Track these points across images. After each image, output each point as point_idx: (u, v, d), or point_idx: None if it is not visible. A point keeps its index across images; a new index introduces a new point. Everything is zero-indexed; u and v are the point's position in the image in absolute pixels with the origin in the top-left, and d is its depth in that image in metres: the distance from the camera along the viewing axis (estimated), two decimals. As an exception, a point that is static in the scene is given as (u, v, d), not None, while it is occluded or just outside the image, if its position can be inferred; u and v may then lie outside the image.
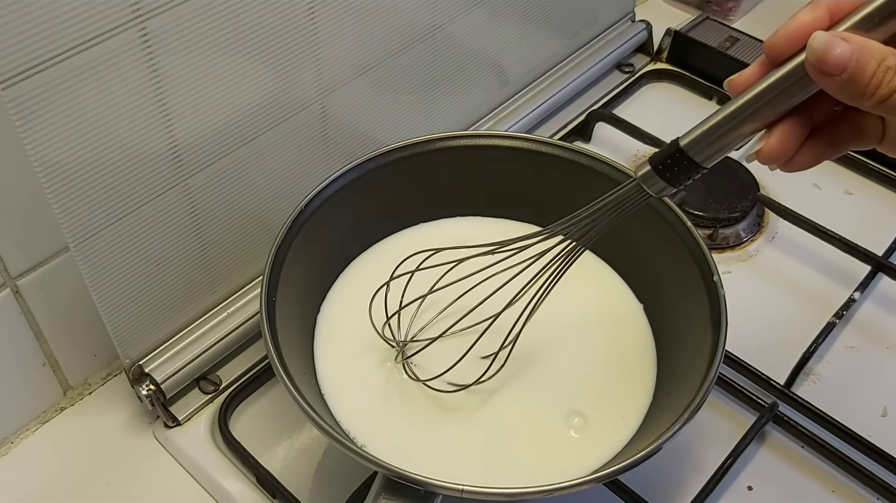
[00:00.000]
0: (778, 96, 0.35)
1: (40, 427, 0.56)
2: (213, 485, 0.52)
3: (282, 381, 0.43)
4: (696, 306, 0.49)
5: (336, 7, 0.50)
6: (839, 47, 0.32)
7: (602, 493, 0.51)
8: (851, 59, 0.32)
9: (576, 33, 0.79)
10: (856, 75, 0.32)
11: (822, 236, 0.67)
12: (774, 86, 0.35)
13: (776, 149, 0.36)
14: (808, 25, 0.34)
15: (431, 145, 0.55)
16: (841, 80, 0.32)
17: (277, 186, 0.54)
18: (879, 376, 0.61)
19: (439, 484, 0.39)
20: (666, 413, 0.46)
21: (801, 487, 0.54)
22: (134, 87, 0.42)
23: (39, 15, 0.37)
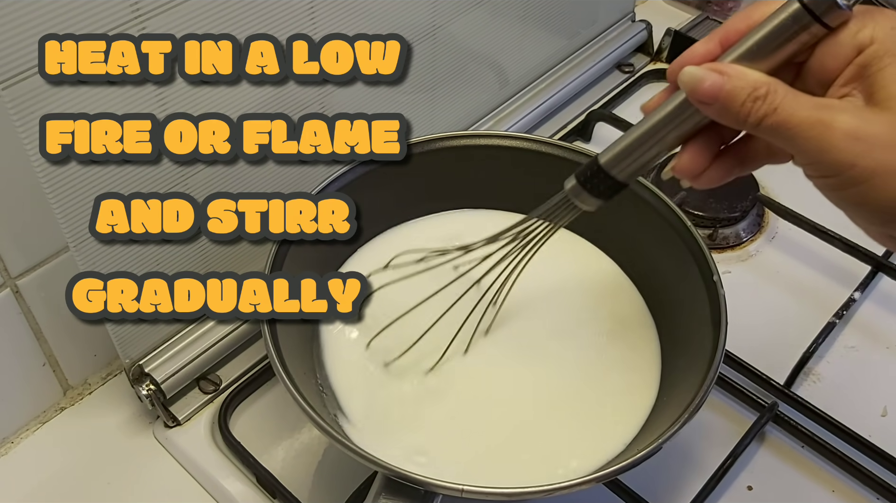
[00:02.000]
0: (675, 120, 0.38)
1: (40, 427, 0.56)
2: (213, 485, 0.52)
3: (282, 381, 0.43)
4: (696, 306, 0.49)
5: (336, 7, 0.51)
6: (708, 80, 0.35)
7: (602, 493, 0.51)
8: (722, 90, 0.35)
9: (576, 33, 0.79)
10: (727, 105, 0.35)
11: (822, 236, 0.67)
12: (672, 111, 0.38)
13: (686, 165, 0.38)
14: (701, 55, 0.37)
15: (431, 145, 0.55)
16: (716, 108, 0.35)
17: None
18: (879, 376, 0.61)
19: (439, 484, 0.39)
20: (666, 413, 0.46)
21: (801, 487, 0.54)
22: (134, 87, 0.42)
23: (39, 15, 0.37)
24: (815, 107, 0.34)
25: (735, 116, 0.35)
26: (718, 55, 0.36)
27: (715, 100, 0.35)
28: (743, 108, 0.34)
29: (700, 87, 0.35)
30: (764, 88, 0.34)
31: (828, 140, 0.33)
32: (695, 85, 0.35)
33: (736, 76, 0.35)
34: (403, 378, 0.50)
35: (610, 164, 0.41)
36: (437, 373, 0.50)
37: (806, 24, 0.34)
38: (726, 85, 0.35)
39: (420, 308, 0.48)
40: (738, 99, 0.34)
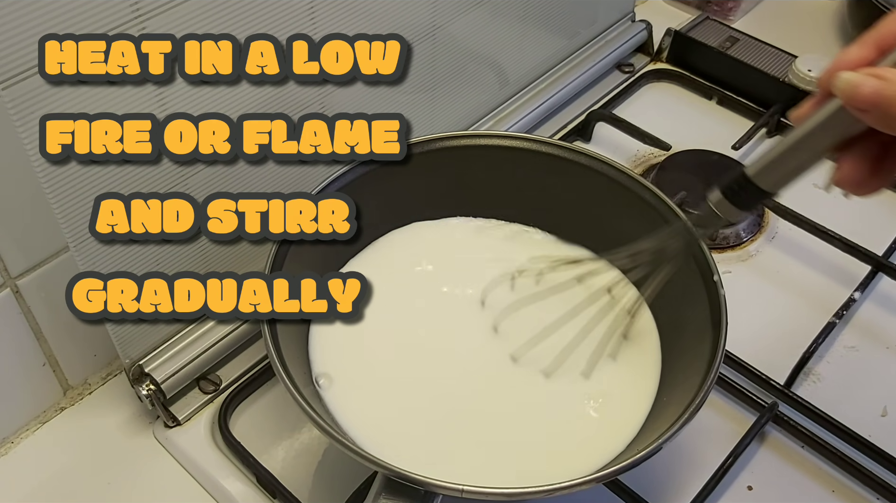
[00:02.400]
0: (828, 129, 0.36)
1: (40, 427, 0.56)
2: (213, 485, 0.52)
3: (282, 381, 0.43)
4: (696, 306, 0.49)
5: (336, 7, 0.51)
6: (866, 85, 0.33)
7: (602, 493, 0.51)
8: (881, 95, 0.32)
9: (576, 33, 0.79)
10: (888, 111, 0.32)
11: (822, 236, 0.67)
12: (825, 120, 0.36)
13: (849, 176, 0.37)
14: (855, 61, 0.35)
15: (431, 145, 0.55)
16: (875, 115, 0.33)
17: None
18: (879, 376, 0.61)
19: (439, 484, 0.39)
20: (666, 413, 0.46)
21: (801, 487, 0.54)
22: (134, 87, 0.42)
23: (39, 15, 0.37)
24: None
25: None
26: (874, 60, 0.34)
27: (874, 106, 0.33)
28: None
29: (858, 92, 0.33)
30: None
31: None
32: (852, 91, 0.33)
33: (893, 80, 0.32)
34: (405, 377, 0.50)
35: (758, 176, 0.40)
36: (433, 373, 0.50)
37: None
38: (886, 90, 0.32)
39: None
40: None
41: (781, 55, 0.82)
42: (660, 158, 0.75)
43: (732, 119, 0.80)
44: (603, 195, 0.54)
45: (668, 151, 0.75)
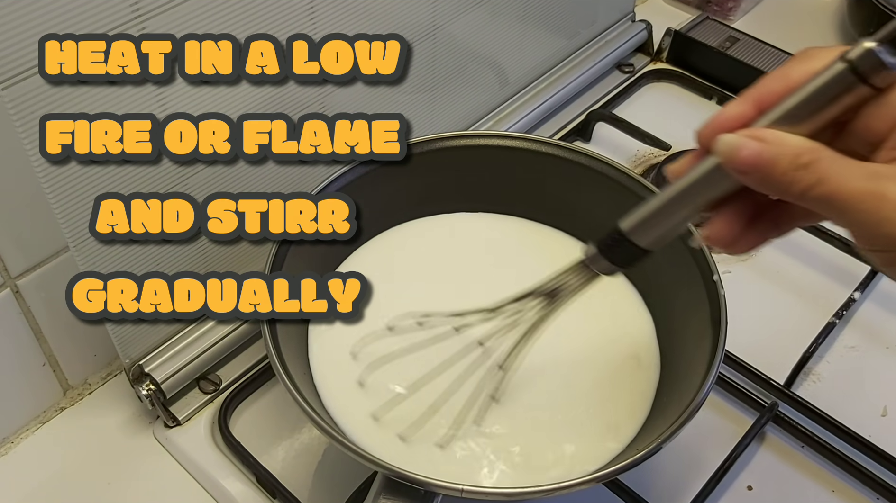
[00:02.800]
0: (705, 187, 0.35)
1: (40, 427, 0.56)
2: (213, 485, 0.52)
3: (282, 381, 0.43)
4: (696, 306, 0.49)
5: (336, 7, 0.51)
6: (746, 148, 0.32)
7: (602, 493, 0.51)
8: (761, 157, 0.32)
9: (576, 33, 0.79)
10: (768, 174, 0.32)
11: (822, 236, 0.67)
12: (702, 177, 0.35)
13: (719, 234, 0.36)
14: (735, 118, 0.34)
15: (431, 145, 0.55)
16: (755, 178, 0.33)
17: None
18: (879, 376, 0.61)
19: (439, 484, 0.39)
20: (666, 413, 0.46)
21: (801, 487, 0.54)
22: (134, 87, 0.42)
23: (39, 15, 0.37)
24: (866, 177, 0.31)
25: (777, 186, 0.32)
26: (753, 118, 0.34)
27: (754, 169, 0.32)
28: (785, 178, 0.32)
29: (737, 155, 0.32)
30: (807, 156, 0.31)
31: (882, 213, 0.30)
32: (731, 153, 0.33)
33: (775, 142, 0.32)
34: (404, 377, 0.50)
35: (632, 231, 0.39)
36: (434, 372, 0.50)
37: (851, 85, 0.31)
38: (766, 152, 0.32)
39: (420, 369, 0.47)
40: (779, 167, 0.32)
41: (781, 55, 0.82)
42: (660, 158, 0.75)
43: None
44: (603, 195, 0.54)
45: (668, 151, 0.75)
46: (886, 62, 0.31)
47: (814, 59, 0.33)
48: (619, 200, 0.51)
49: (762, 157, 0.32)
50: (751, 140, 0.32)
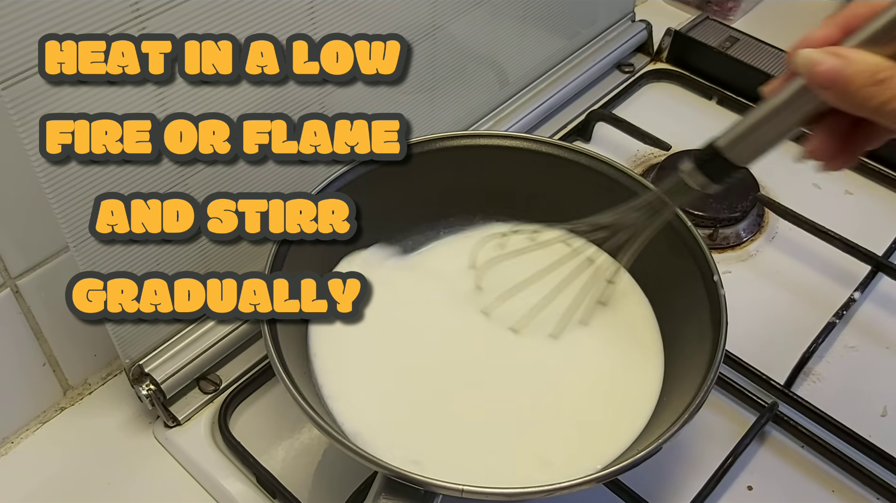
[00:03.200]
0: (794, 104, 0.37)
1: (40, 427, 0.56)
2: (213, 485, 0.52)
3: (282, 381, 0.43)
4: (696, 306, 0.49)
5: (336, 7, 0.51)
6: (824, 63, 0.34)
7: (602, 493, 0.51)
8: (840, 73, 0.33)
9: (576, 33, 0.79)
10: (845, 89, 0.33)
11: (822, 236, 0.67)
12: (791, 96, 0.37)
13: (819, 149, 0.37)
14: (820, 39, 0.35)
15: (431, 145, 0.55)
16: (834, 93, 0.34)
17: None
18: (879, 376, 0.61)
19: (439, 484, 0.39)
20: (666, 413, 0.46)
21: (801, 487, 0.54)
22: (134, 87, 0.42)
23: (39, 15, 0.37)
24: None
25: (853, 101, 0.33)
26: (838, 41, 0.35)
27: (833, 83, 0.34)
28: (861, 93, 0.33)
29: (817, 69, 0.34)
30: (885, 73, 0.33)
31: None
32: (811, 67, 0.34)
33: (855, 60, 0.33)
34: (404, 376, 0.50)
35: (728, 147, 0.40)
36: (434, 375, 0.50)
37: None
38: (845, 69, 0.33)
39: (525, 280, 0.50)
40: (856, 83, 0.33)
41: (781, 55, 0.82)
42: (660, 158, 0.75)
43: (732, 119, 0.78)
44: (603, 195, 0.54)
45: (668, 151, 0.75)
46: None
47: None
48: (619, 200, 0.51)
49: (841, 72, 0.33)
50: (830, 56, 0.34)
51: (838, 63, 0.34)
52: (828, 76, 0.34)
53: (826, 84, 0.34)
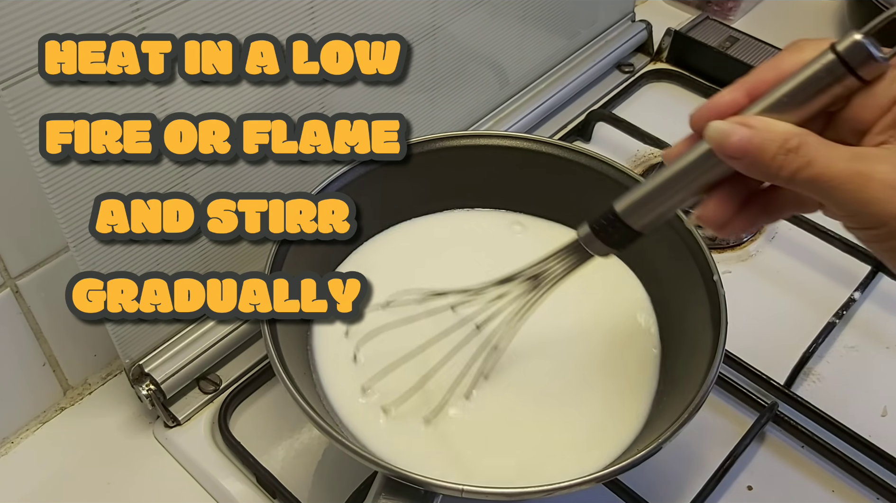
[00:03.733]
0: (698, 170, 0.36)
1: (40, 427, 0.56)
2: (213, 485, 0.52)
3: (282, 381, 0.43)
4: (696, 306, 0.49)
5: (336, 7, 0.51)
6: (735, 134, 0.34)
7: (602, 493, 0.51)
8: (751, 143, 0.33)
9: (576, 33, 0.79)
10: (757, 159, 0.33)
11: (822, 236, 0.67)
12: (695, 161, 0.36)
13: (711, 215, 0.37)
14: (727, 105, 0.35)
15: (431, 145, 0.55)
16: (745, 163, 0.34)
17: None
18: (879, 376, 0.61)
19: (439, 484, 0.39)
20: (666, 413, 0.46)
21: (801, 487, 0.54)
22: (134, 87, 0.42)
23: (39, 15, 0.37)
24: (852, 158, 0.32)
25: (766, 170, 0.33)
26: (745, 106, 0.35)
27: (744, 154, 0.34)
28: (774, 162, 0.33)
29: (727, 141, 0.34)
30: (795, 140, 0.33)
31: (868, 192, 0.32)
32: (722, 139, 0.34)
33: (764, 128, 0.33)
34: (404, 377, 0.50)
35: (626, 213, 0.39)
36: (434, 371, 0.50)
37: (840, 76, 0.33)
38: (755, 138, 0.33)
39: (416, 347, 0.47)
40: (768, 152, 0.33)
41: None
42: (659, 158, 0.75)
43: (732, 119, 0.80)
44: (603, 195, 0.54)
45: (668, 151, 0.75)
46: (874, 55, 0.32)
47: (805, 49, 0.34)
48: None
49: (752, 142, 0.33)
50: (740, 126, 0.34)
51: (748, 133, 0.33)
52: (739, 147, 0.33)
53: (738, 155, 0.34)
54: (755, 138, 0.33)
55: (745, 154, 0.34)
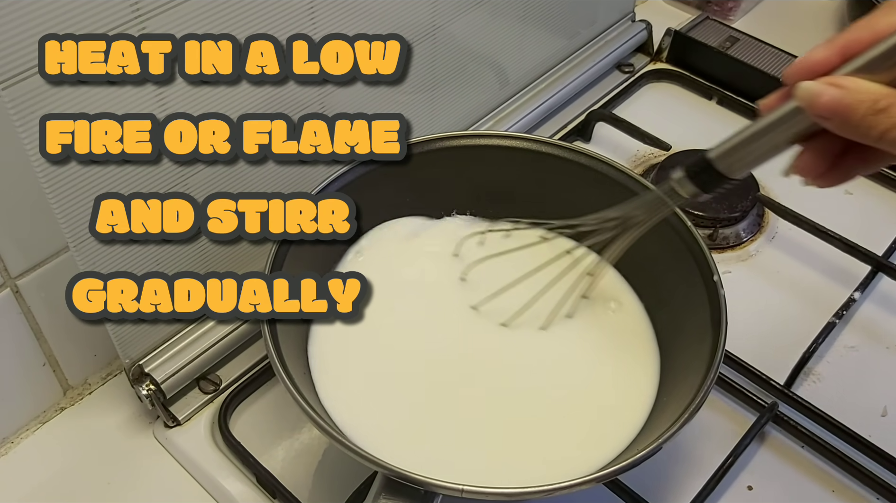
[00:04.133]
0: (789, 123, 0.37)
1: (40, 427, 0.56)
2: (213, 485, 0.52)
3: (282, 381, 0.43)
4: (696, 306, 0.49)
5: (336, 7, 0.51)
6: (825, 94, 0.34)
7: (602, 493, 0.51)
8: (840, 104, 0.33)
9: (576, 33, 0.79)
10: (847, 119, 0.33)
11: (822, 236, 0.67)
12: (787, 114, 0.37)
13: (807, 166, 0.37)
14: (820, 62, 0.35)
15: (431, 145, 0.55)
16: (836, 123, 0.34)
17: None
18: (879, 376, 0.61)
19: (439, 484, 0.39)
20: (666, 413, 0.46)
21: (801, 487, 0.54)
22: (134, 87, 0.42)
23: (39, 15, 0.37)
24: None
25: (856, 130, 0.33)
26: (837, 65, 0.35)
27: (835, 114, 0.34)
28: (864, 122, 0.33)
29: (818, 101, 0.34)
30: (885, 101, 0.33)
31: None
32: (812, 100, 0.34)
33: (855, 89, 0.33)
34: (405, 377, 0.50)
35: (719, 159, 0.41)
36: (433, 374, 0.50)
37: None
38: (845, 98, 0.33)
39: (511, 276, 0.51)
40: (857, 112, 0.33)
41: (781, 55, 0.82)
42: (660, 158, 0.75)
43: (732, 119, 0.80)
44: (603, 195, 0.54)
45: (668, 151, 0.75)
46: None
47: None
48: (619, 200, 0.51)
49: (841, 102, 0.33)
50: (830, 87, 0.34)
51: (839, 94, 0.34)
52: (829, 107, 0.34)
53: (828, 115, 0.34)
54: (845, 98, 0.33)
55: (835, 114, 0.34)
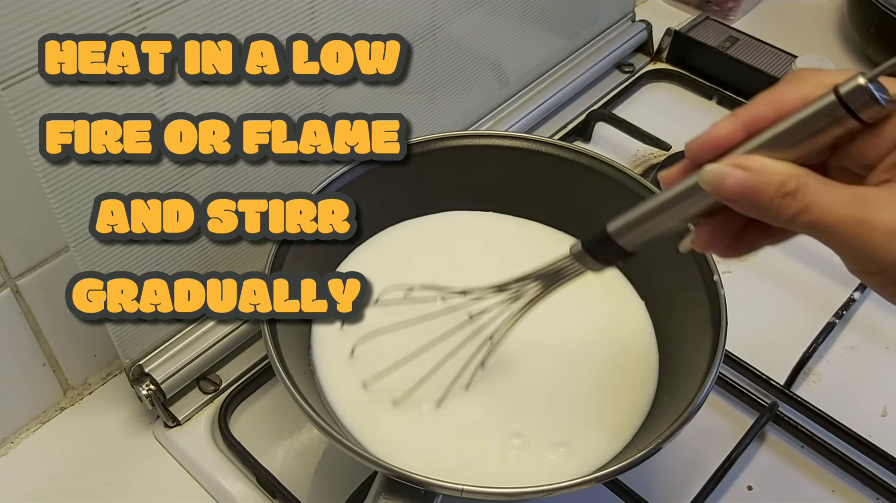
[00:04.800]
0: (691, 200, 0.35)
1: (40, 427, 0.56)
2: (213, 485, 0.52)
3: (282, 381, 0.43)
4: (696, 306, 0.49)
5: (336, 7, 0.51)
6: (731, 178, 0.32)
7: (602, 493, 0.51)
8: (747, 186, 0.32)
9: (576, 33, 0.79)
10: (754, 202, 0.32)
11: (822, 236, 0.67)
12: (688, 191, 0.35)
13: (707, 240, 0.36)
14: (724, 138, 0.34)
15: (431, 145, 0.55)
16: (743, 205, 0.33)
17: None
18: (879, 376, 0.61)
19: (439, 484, 0.39)
20: (666, 413, 0.46)
21: (801, 487, 0.54)
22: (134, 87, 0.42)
23: (39, 15, 0.37)
24: (852, 202, 0.31)
25: (765, 213, 0.32)
26: (742, 141, 0.34)
27: (740, 197, 0.32)
28: (772, 206, 0.32)
29: (723, 184, 0.33)
30: (793, 183, 0.31)
31: (869, 240, 0.31)
32: (717, 183, 0.33)
33: (760, 170, 0.32)
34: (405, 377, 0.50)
35: (618, 233, 0.39)
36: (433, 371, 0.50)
37: (840, 118, 0.31)
38: (750, 181, 0.32)
39: (412, 342, 0.47)
40: (765, 196, 0.32)
41: (781, 55, 0.82)
42: (660, 158, 0.75)
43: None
44: (603, 195, 0.54)
45: (668, 151, 0.75)
46: (878, 98, 0.30)
47: (806, 83, 0.33)
48: (618, 200, 0.51)
49: (747, 185, 0.32)
50: (735, 169, 0.32)
51: (744, 176, 0.32)
52: (735, 190, 0.32)
53: (734, 198, 0.33)
54: (751, 180, 0.32)
55: (741, 197, 0.32)
